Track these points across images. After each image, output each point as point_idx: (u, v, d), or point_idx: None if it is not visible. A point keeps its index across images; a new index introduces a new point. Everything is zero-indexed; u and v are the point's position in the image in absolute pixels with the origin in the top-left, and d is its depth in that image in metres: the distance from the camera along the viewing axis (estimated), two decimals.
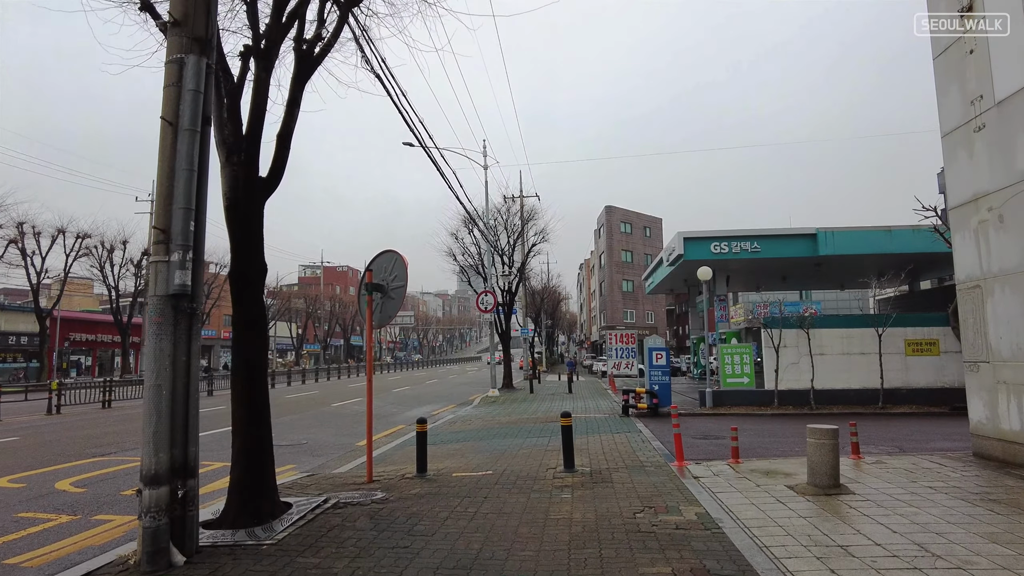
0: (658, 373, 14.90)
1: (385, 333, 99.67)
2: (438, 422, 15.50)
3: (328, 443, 12.66)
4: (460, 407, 20.21)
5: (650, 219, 66.25)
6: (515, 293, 27.96)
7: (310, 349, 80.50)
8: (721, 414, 14.74)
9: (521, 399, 21.87)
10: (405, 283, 8.01)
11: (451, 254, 27.20)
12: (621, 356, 26.50)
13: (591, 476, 7.62)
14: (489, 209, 26.06)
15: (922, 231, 27.21)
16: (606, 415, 15.18)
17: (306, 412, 18.97)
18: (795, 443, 10.57)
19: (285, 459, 10.72)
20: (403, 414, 18.35)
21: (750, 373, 15.82)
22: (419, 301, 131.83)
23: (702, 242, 27.54)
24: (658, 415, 14.63)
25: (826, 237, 26.87)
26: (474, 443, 11.43)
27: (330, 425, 15.71)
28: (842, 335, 15.63)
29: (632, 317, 61.51)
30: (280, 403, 22.17)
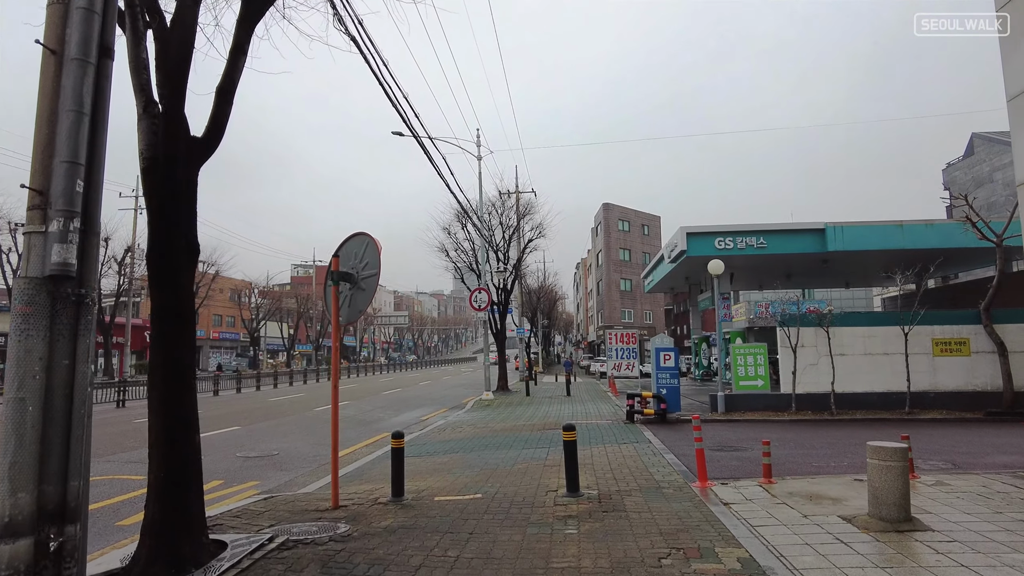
0: (666, 376, 13.65)
1: (379, 333, 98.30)
2: (426, 429, 14.24)
3: (303, 454, 11.38)
4: (452, 411, 18.95)
5: (648, 217, 65.07)
6: (511, 291, 26.70)
7: (302, 350, 79.11)
8: (735, 420, 13.50)
9: (517, 402, 20.62)
10: (378, 271, 6.74)
11: (443, 250, 25.94)
12: (622, 357, 25.23)
13: (599, 502, 6.36)
14: (483, 203, 24.79)
15: (935, 225, 26.11)
16: (609, 421, 13.93)
17: (286, 417, 17.68)
18: (828, 456, 9.34)
19: (249, 475, 9.44)
20: (390, 420, 17.07)
21: (765, 375, 14.61)
22: (414, 301, 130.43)
23: (706, 237, 26.36)
24: (666, 422, 13.38)
25: (835, 232, 25.71)
26: (463, 455, 10.17)
27: (310, 432, 14.44)
28: (864, 334, 14.41)
29: (630, 316, 60.31)
30: (261, 407, 20.88)
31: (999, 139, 42.06)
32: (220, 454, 11.35)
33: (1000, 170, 41.55)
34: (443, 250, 25.94)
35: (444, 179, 18.81)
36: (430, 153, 17.27)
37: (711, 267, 14.56)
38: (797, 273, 34.10)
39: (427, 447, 11.32)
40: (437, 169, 17.87)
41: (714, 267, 14.52)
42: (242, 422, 16.50)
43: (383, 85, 11.84)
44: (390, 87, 12.25)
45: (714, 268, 14.53)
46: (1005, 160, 41.16)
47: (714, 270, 14.56)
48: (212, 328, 65.81)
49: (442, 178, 18.81)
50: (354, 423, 16.26)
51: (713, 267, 14.53)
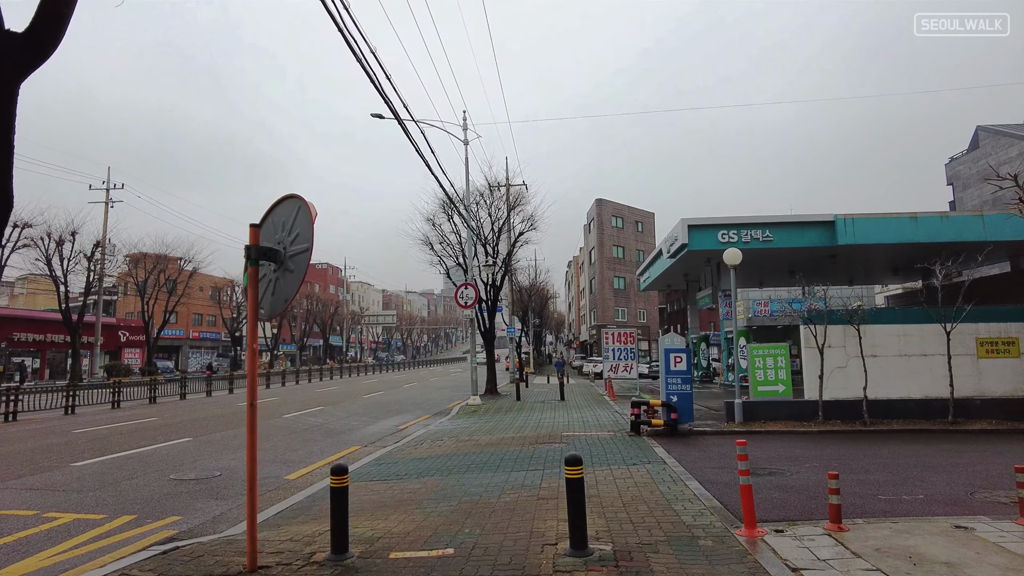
0: (677, 381, 11.89)
1: (367, 333, 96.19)
2: (402, 442, 12.41)
3: None
4: (435, 418, 17.12)
5: (642, 213, 63.43)
6: (500, 287, 24.90)
7: (287, 350, 76.91)
8: (756, 432, 11.76)
9: (506, 408, 18.81)
10: (310, 246, 4.91)
11: (427, 242, 24.03)
12: (619, 357, 23.48)
13: (616, 566, 4.56)
14: (470, 191, 22.97)
15: (951, 218, 24.54)
16: (611, 433, 12.15)
17: (261, 424, 15.77)
18: (891, 483, 7.57)
19: (173, 506, 7.59)
20: (364, 429, 15.22)
21: (786, 379, 12.88)
22: (403, 300, 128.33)
23: (708, 230, 24.66)
24: (678, 434, 11.61)
25: (845, 224, 24.13)
26: (440, 479, 8.36)
27: (268, 445, 12.58)
28: (899, 333, 12.71)
29: (624, 316, 58.67)
30: (226, 414, 18.96)
31: (1006, 131, 40.71)
32: (151, 475, 9.49)
33: (1007, 164, 40.13)
34: (427, 243, 24.08)
35: (426, 161, 16.98)
36: (411, 135, 15.46)
37: (727, 256, 12.82)
38: (801, 269, 32.46)
39: (398, 467, 9.51)
40: (418, 150, 16.07)
41: (731, 256, 12.77)
42: (197, 432, 14.61)
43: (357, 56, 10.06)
44: (364, 57, 10.45)
45: (731, 258, 12.78)
46: (1012, 153, 39.80)
47: (731, 259, 12.82)
48: (192, 327, 63.61)
49: (423, 160, 17.01)
50: (321, 433, 14.40)
51: (730, 256, 12.79)
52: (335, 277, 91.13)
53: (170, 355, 61.09)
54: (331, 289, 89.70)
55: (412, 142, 15.36)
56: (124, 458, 11.05)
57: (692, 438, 11.40)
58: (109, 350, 49.61)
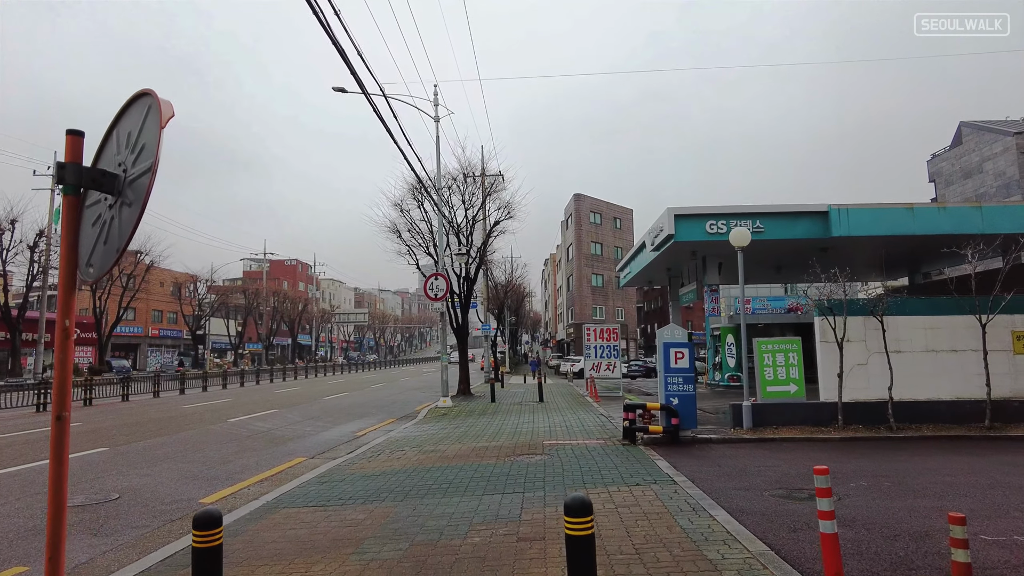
0: (678, 380, 10.18)
1: (338, 332, 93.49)
2: (355, 452, 10.52)
3: (158, 497, 7.64)
4: (399, 423, 15.24)
5: (621, 209, 62.06)
6: (474, 280, 23.06)
7: (252, 349, 74.04)
8: (769, 440, 10.12)
9: (479, 411, 17.00)
10: (154, 161, 3.02)
11: (395, 230, 22.05)
12: (602, 355, 21.86)
13: None
14: (441, 173, 21.12)
15: (948, 209, 23.36)
16: (600, 441, 10.40)
17: (186, 432, 13.76)
18: (978, 510, 5.90)
19: (23, 550, 5.65)
20: (315, 436, 13.27)
21: (799, 379, 11.28)
22: (376, 299, 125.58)
23: (696, 220, 23.15)
24: (680, 443, 9.90)
25: (839, 215, 22.84)
26: (391, 506, 6.52)
27: (196, 455, 10.61)
28: (926, 325, 11.21)
29: (601, 314, 57.23)
30: (163, 418, 16.83)
31: (989, 127, 40.07)
32: (25, 501, 7.51)
33: (990, 160, 39.53)
34: (394, 231, 22.08)
35: (391, 133, 15.05)
36: (377, 107, 13.58)
37: (735, 237, 11.14)
38: (789, 264, 31.15)
39: (343, 487, 7.64)
40: (383, 120, 14.17)
41: (738, 237, 11.10)
42: (120, 440, 12.54)
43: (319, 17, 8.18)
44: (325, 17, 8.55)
45: (738, 238, 11.11)
46: (996, 149, 39.16)
47: (738, 241, 11.15)
48: (151, 324, 60.56)
49: (389, 132, 15.11)
50: (265, 441, 12.42)
51: (737, 237, 11.12)
52: (304, 274, 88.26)
53: (128, 354, 57.97)
54: (300, 286, 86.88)
55: (377, 113, 13.51)
56: (6, 476, 9.00)
57: (697, 448, 9.71)
58: None
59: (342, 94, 17.01)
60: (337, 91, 17.23)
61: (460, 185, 22.44)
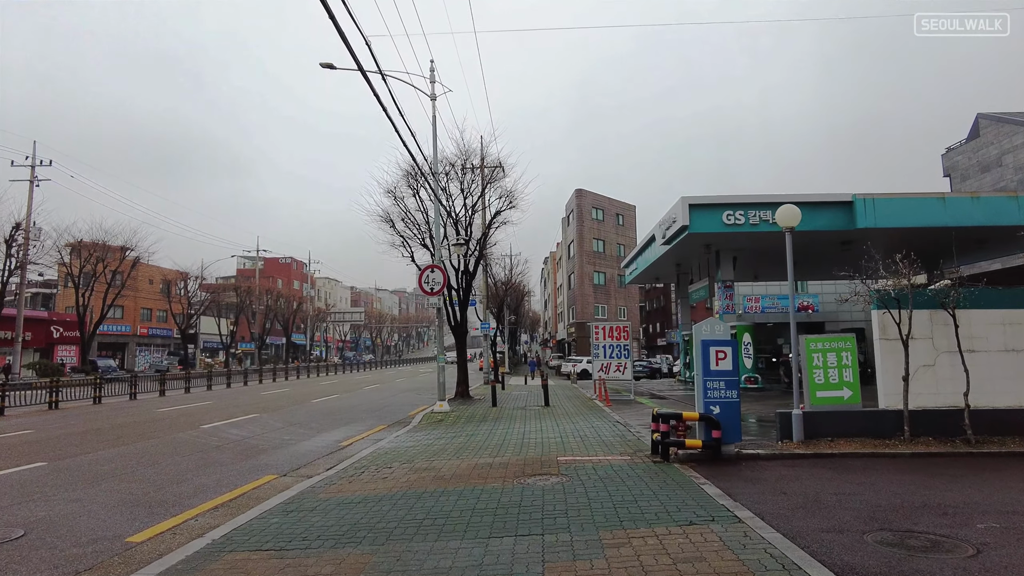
0: (719, 385, 8.55)
1: (334, 331, 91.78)
2: (334, 469, 8.89)
3: (74, 532, 6.02)
4: (390, 431, 13.61)
5: (623, 206, 60.43)
6: (473, 274, 21.42)
7: (245, 348, 72.30)
8: (827, 456, 8.50)
9: (480, 416, 15.37)
10: None
11: (387, 219, 20.38)
12: (611, 355, 20.25)
13: None
14: (438, 156, 19.48)
15: (981, 199, 21.77)
16: (625, 457, 8.77)
17: (147, 441, 12.12)
18: None
19: None
20: (294, 446, 11.62)
21: (853, 382, 9.68)
22: (373, 298, 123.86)
23: (712, 210, 21.54)
24: (722, 459, 8.28)
25: (865, 206, 21.25)
26: (366, 554, 4.89)
27: (149, 472, 8.97)
28: (1004, 320, 9.61)
29: (604, 313, 55.60)
30: (126, 424, 15.16)
31: (1010, 119, 38.50)
32: None
33: (1011, 152, 37.97)
34: (387, 220, 20.39)
35: (387, 113, 13.35)
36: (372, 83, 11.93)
37: (783, 216, 9.47)
38: (807, 260, 29.57)
39: (312, 519, 6.00)
40: (382, 104, 12.50)
41: (787, 216, 9.43)
42: (66, 452, 10.89)
43: None
44: None
45: (787, 217, 9.44)
46: (1017, 141, 37.59)
47: (787, 220, 9.48)
48: (140, 323, 58.79)
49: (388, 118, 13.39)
50: (235, 452, 10.78)
51: (786, 216, 9.44)
52: (299, 272, 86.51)
53: (115, 353, 56.22)
54: (295, 285, 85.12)
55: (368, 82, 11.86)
56: None
57: (746, 466, 8.07)
58: (40, 347, 44.80)
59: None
60: (325, 67, 15.58)
61: (459, 172, 20.79)
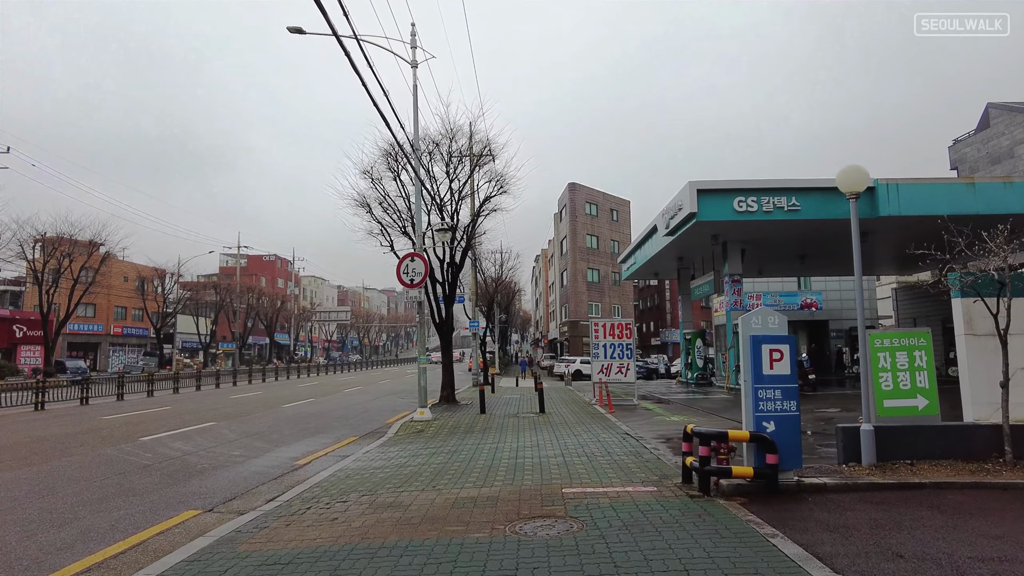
0: (774, 394, 6.54)
1: (319, 331, 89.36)
2: (275, 502, 6.83)
3: None
4: (359, 445, 11.57)
5: (617, 200, 58.55)
6: (460, 266, 19.39)
7: (226, 348, 69.81)
8: (916, 485, 6.53)
9: (465, 427, 13.34)
10: None
11: (363, 204, 18.26)
12: (612, 355, 18.29)
13: None
14: (420, 138, 17.43)
15: (1015, 184, 20.00)
16: (650, 488, 6.77)
17: (65, 459, 10.01)
18: None
19: None
20: (239, 467, 9.54)
21: (930, 388, 7.74)
22: (361, 297, 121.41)
23: (722, 196, 19.61)
24: (782, 493, 6.29)
25: (888, 191, 19.39)
26: None
27: (35, 506, 6.88)
28: None
29: (597, 311, 53.69)
30: (60, 436, 12.99)
31: (1022, 108, 36.91)
32: None
33: (1023, 143, 36.37)
34: (363, 205, 18.27)
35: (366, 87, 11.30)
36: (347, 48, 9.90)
37: (847, 178, 7.44)
38: (816, 253, 27.76)
39: None
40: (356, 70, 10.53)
41: (851, 178, 7.41)
42: None
43: None
44: None
45: (851, 179, 7.41)
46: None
47: (852, 182, 7.45)
48: (114, 322, 56.24)
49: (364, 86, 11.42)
50: (163, 475, 8.68)
51: (850, 178, 7.42)
52: (284, 270, 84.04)
53: (87, 353, 53.69)
54: (279, 283, 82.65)
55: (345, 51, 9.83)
56: None
57: (815, 503, 6.07)
58: (2, 347, 42.25)
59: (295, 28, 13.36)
60: (294, 32, 13.52)
61: (444, 154, 18.71)
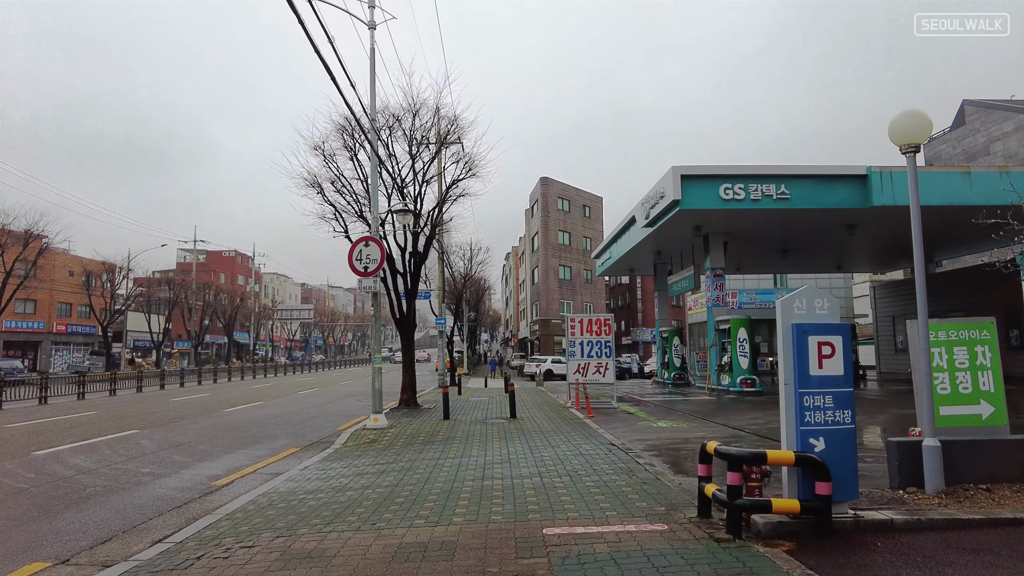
0: (824, 400, 4.94)
1: (280, 330, 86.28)
2: (156, 549, 5.01)
3: None
4: (298, 458, 9.74)
5: (590, 197, 57.24)
6: (424, 255, 17.58)
7: (182, 347, 66.59)
8: (1009, 521, 5.04)
9: (425, 435, 11.57)
10: None
11: (315, 184, 16.32)
12: (590, 354, 16.73)
13: None
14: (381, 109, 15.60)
15: (1014, 173, 19.03)
16: (660, 526, 5.15)
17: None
18: None
19: None
20: (144, 488, 7.63)
21: (996, 392, 6.28)
22: (326, 295, 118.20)
23: (707, 183, 18.19)
24: (834, 534, 4.71)
25: (882, 179, 18.22)
26: None
27: None
28: None
29: (569, 309, 52.26)
30: None
31: (998, 105, 36.58)
32: None
33: (999, 140, 36.01)
34: (314, 184, 16.33)
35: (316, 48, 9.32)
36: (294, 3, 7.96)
37: (902, 125, 5.91)
38: (800, 247, 26.63)
39: None
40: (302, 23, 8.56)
41: (909, 125, 5.87)
42: None
43: None
44: None
45: (909, 128, 5.86)
46: (1007, 128, 35.65)
47: (910, 132, 5.89)
48: (56, 319, 52.83)
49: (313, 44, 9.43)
50: (36, 503, 6.73)
51: (907, 126, 5.87)
52: (244, 266, 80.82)
53: (26, 352, 50.25)
54: (239, 280, 79.42)
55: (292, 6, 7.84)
56: None
57: (886, 552, 4.48)
58: None
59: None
60: None
61: (406, 132, 16.88)
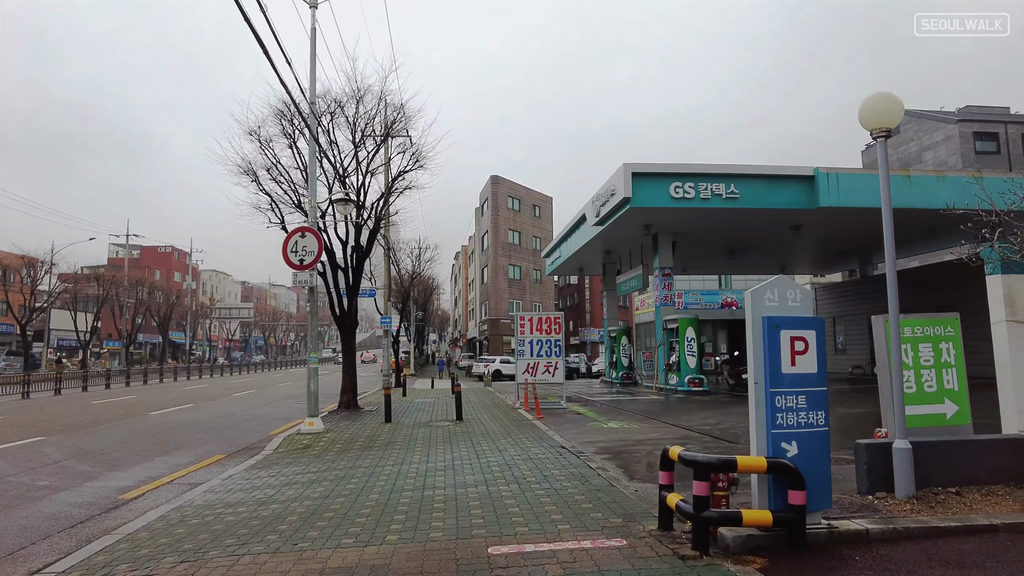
0: (797, 400, 4.55)
1: (219, 329, 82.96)
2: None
3: None
4: (223, 466, 8.87)
5: (540, 197, 57.05)
6: (368, 250, 16.74)
7: (112, 347, 63.10)
8: (986, 528, 4.73)
9: (364, 440, 10.82)
10: None
11: (249, 171, 15.28)
12: (540, 353, 16.27)
13: None
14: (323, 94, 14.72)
15: (948, 178, 19.50)
16: (618, 541, 4.65)
17: None
18: None
19: None
20: (39, 503, 6.67)
21: (960, 391, 6.04)
22: (267, 294, 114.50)
23: (658, 181, 18.02)
24: (808, 547, 4.30)
25: (828, 181, 18.47)
26: None
27: None
28: None
29: (519, 309, 51.87)
30: None
31: (931, 115, 38.09)
32: None
33: (931, 149, 37.52)
34: (248, 172, 15.29)
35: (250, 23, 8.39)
36: None
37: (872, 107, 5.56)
38: (746, 248, 26.89)
39: None
40: None
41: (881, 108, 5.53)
42: None
43: None
44: None
45: (882, 111, 5.53)
46: (937, 138, 37.16)
47: (882, 115, 5.55)
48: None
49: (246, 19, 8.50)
50: None
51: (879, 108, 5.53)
52: (181, 263, 77.28)
53: None
54: (176, 277, 75.89)
55: None
56: None
57: (870, 566, 4.08)
58: None
59: None
60: None
61: (350, 120, 16.02)
